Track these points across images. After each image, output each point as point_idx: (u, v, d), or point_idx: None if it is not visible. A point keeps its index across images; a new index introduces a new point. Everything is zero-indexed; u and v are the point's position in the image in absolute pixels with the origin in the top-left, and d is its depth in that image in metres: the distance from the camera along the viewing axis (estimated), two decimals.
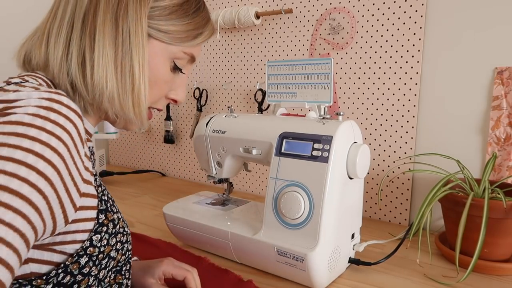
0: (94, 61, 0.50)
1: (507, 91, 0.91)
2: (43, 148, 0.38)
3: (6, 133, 0.37)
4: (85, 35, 0.51)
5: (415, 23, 1.00)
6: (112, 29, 0.51)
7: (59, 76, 0.51)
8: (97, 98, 0.51)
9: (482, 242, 0.70)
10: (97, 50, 0.50)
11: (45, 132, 0.39)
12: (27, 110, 0.39)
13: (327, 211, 0.69)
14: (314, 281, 0.70)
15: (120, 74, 0.52)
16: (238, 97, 1.35)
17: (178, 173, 1.57)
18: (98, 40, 0.50)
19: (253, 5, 1.27)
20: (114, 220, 0.55)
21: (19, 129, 0.37)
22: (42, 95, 0.41)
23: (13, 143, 0.37)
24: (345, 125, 0.72)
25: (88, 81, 0.50)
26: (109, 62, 0.51)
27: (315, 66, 0.79)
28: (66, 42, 0.51)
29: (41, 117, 0.39)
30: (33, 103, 0.40)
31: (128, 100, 0.52)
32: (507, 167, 0.92)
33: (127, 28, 0.52)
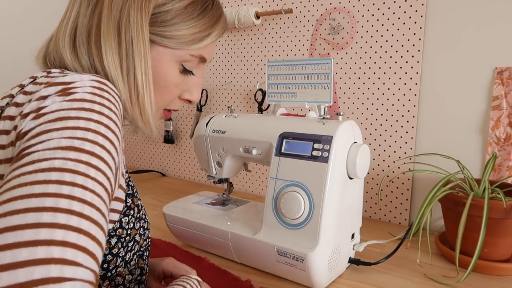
0: (106, 71, 0.52)
1: (507, 91, 0.91)
2: (108, 120, 0.42)
3: (77, 108, 0.40)
4: (92, 45, 0.52)
5: (415, 23, 1.00)
6: (115, 39, 0.52)
7: None
8: None
9: (482, 242, 0.70)
10: (105, 60, 0.52)
11: (105, 107, 0.42)
12: (85, 90, 0.42)
13: (327, 211, 0.69)
14: (314, 281, 0.70)
15: (127, 84, 0.53)
16: (238, 97, 1.35)
17: (178, 173, 1.57)
18: (105, 50, 0.52)
19: (253, 5, 1.27)
20: (139, 205, 0.56)
21: (86, 104, 0.41)
22: (92, 78, 0.44)
23: (86, 116, 0.40)
24: (345, 125, 0.72)
25: None
26: (118, 72, 0.52)
27: (315, 66, 0.79)
28: (86, 51, 0.53)
29: (99, 95, 0.43)
30: (87, 84, 0.43)
31: (135, 109, 0.54)
32: (507, 167, 0.92)
33: (130, 38, 0.52)
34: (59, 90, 0.42)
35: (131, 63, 0.52)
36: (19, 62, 1.48)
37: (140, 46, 0.52)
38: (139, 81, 0.53)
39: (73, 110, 0.40)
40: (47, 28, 0.64)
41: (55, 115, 0.39)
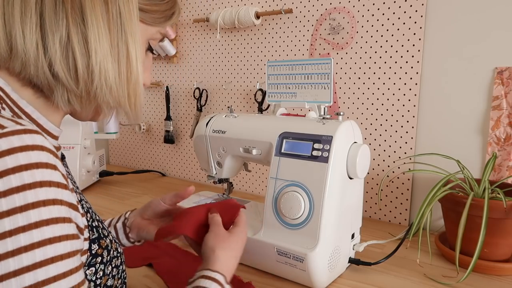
0: (90, 48, 0.43)
1: (507, 91, 0.91)
2: (47, 209, 0.37)
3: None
4: (69, 17, 0.42)
5: (415, 23, 1.00)
6: (103, 9, 0.44)
7: (36, 67, 0.43)
8: (93, 90, 0.45)
9: (482, 242, 0.70)
10: (92, 34, 0.43)
11: (41, 193, 0.36)
12: (10, 180, 0.35)
13: (327, 211, 0.69)
14: (314, 281, 0.70)
15: (116, 61, 0.46)
16: (238, 97, 1.35)
17: (178, 173, 1.57)
18: (91, 23, 0.43)
19: (253, 5, 1.27)
20: (108, 245, 0.51)
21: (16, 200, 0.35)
22: (14, 145, 0.36)
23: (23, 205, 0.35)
24: (345, 125, 0.72)
25: (81, 71, 0.43)
26: (107, 48, 0.45)
27: (315, 66, 0.79)
28: (39, 26, 0.42)
29: (28, 183, 0.36)
30: (10, 164, 0.35)
31: (124, 90, 0.47)
32: (507, 167, 0.92)
33: (117, 8, 0.45)
34: None
35: (122, 37, 0.46)
36: None
37: (131, 19, 0.46)
38: (133, 58, 0.47)
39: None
40: None
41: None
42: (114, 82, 0.45)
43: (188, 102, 1.49)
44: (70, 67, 0.43)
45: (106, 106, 0.47)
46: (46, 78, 0.43)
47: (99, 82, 0.44)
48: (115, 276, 0.53)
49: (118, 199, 1.28)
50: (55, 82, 0.44)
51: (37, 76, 0.43)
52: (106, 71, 0.44)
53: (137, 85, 0.48)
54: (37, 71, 0.43)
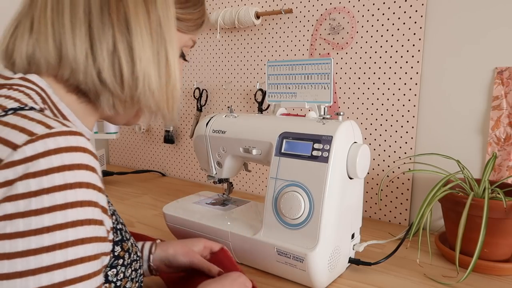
0: (134, 55, 0.46)
1: (507, 91, 0.91)
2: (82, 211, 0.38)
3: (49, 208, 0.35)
4: (115, 26, 0.45)
5: (415, 23, 1.00)
6: (145, 18, 0.47)
7: (85, 74, 0.45)
8: (137, 95, 0.47)
9: (482, 242, 0.70)
10: (137, 42, 0.46)
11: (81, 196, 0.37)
12: (53, 178, 0.36)
13: (327, 211, 0.69)
14: (314, 281, 0.70)
15: (157, 67, 0.48)
16: (238, 97, 1.35)
17: (178, 173, 1.57)
18: (136, 31, 0.46)
19: (253, 5, 1.27)
20: (129, 248, 0.53)
21: (58, 199, 0.36)
22: (60, 145, 0.37)
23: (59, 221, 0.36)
24: (345, 125, 0.72)
25: (126, 77, 0.46)
26: (150, 55, 0.47)
27: (315, 66, 0.79)
28: (88, 35, 0.45)
29: (70, 182, 0.37)
30: (55, 163, 0.36)
31: (162, 94, 0.49)
32: (507, 167, 0.92)
33: (157, 17, 0.48)
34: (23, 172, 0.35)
35: (162, 44, 0.49)
36: None
37: (170, 27, 0.49)
38: (171, 64, 0.50)
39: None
40: None
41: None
42: (156, 87, 0.48)
43: (188, 102, 1.49)
44: (116, 74, 0.46)
45: (147, 110, 0.50)
46: (94, 84, 0.46)
47: (142, 88, 0.47)
48: (133, 280, 0.54)
49: (118, 199, 1.28)
50: (102, 88, 0.47)
51: (86, 83, 0.46)
52: (149, 77, 0.47)
53: (175, 89, 0.51)
54: (86, 78, 0.46)
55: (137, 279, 0.55)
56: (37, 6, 0.45)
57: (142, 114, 0.54)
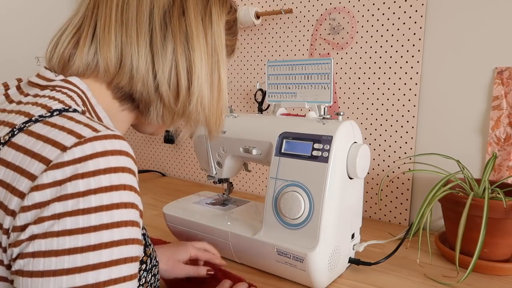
0: (193, 73, 0.50)
1: (507, 91, 0.91)
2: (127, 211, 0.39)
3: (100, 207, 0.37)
4: (176, 41, 0.49)
5: (415, 23, 1.00)
6: (204, 39, 0.51)
7: (143, 84, 0.48)
8: (189, 109, 0.51)
9: (482, 242, 0.70)
10: (197, 61, 0.50)
11: (126, 197, 0.39)
12: (100, 179, 0.37)
13: (327, 211, 0.69)
14: (314, 281, 0.70)
15: (210, 86, 0.52)
16: (238, 97, 1.35)
17: (178, 173, 1.57)
18: (196, 50, 0.50)
19: (253, 5, 1.27)
20: (151, 254, 0.54)
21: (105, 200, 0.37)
22: (106, 148, 0.38)
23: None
24: (345, 125, 0.72)
25: (182, 92, 0.50)
26: (206, 74, 0.51)
27: (315, 66, 0.79)
28: (150, 47, 0.48)
29: (115, 184, 0.38)
30: (102, 165, 0.37)
31: (212, 111, 0.53)
32: (507, 167, 0.92)
33: (213, 39, 0.52)
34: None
35: (216, 65, 0.53)
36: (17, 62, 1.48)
37: (223, 49, 0.53)
38: (223, 84, 0.54)
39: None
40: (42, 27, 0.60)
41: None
42: (207, 105, 0.52)
43: None
44: (172, 87, 0.50)
45: (195, 124, 0.54)
46: (149, 94, 0.49)
47: (195, 104, 0.51)
48: (152, 285, 0.55)
49: None
50: (156, 98, 0.50)
51: (141, 92, 0.49)
52: (203, 95, 0.51)
53: (224, 108, 0.55)
54: (142, 87, 0.49)
55: (155, 284, 0.56)
56: (102, 15, 0.48)
57: (188, 126, 0.56)
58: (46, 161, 0.36)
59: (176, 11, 0.49)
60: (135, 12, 0.48)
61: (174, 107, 0.51)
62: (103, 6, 0.48)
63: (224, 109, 0.55)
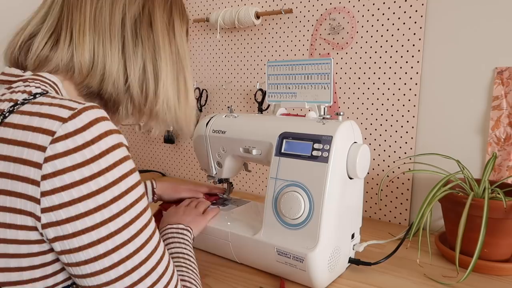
0: (159, 79, 0.56)
1: (507, 91, 0.91)
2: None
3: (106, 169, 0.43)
4: (145, 49, 0.55)
5: (415, 23, 1.00)
6: (169, 48, 0.57)
7: (113, 85, 0.53)
8: (156, 108, 0.57)
9: (482, 242, 0.70)
10: (162, 68, 0.56)
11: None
12: (106, 142, 0.43)
13: (327, 211, 0.69)
14: (314, 281, 0.70)
15: (177, 90, 0.59)
16: (238, 97, 1.35)
17: (178, 173, 1.57)
18: (164, 55, 0.56)
19: (253, 5, 1.27)
20: None
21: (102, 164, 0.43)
22: (97, 115, 0.44)
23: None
24: (345, 125, 0.72)
25: (150, 92, 0.56)
26: (172, 78, 0.58)
27: (315, 66, 0.79)
28: (121, 52, 0.54)
29: (112, 145, 0.44)
30: (96, 132, 0.43)
31: (181, 110, 0.59)
32: (507, 167, 0.92)
33: (176, 46, 0.59)
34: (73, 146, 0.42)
35: (181, 69, 0.59)
36: None
37: (186, 54, 0.60)
38: (189, 86, 0.61)
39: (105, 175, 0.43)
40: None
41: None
42: (173, 106, 0.58)
43: None
44: (143, 89, 0.56)
45: (163, 123, 0.60)
46: (119, 95, 0.55)
47: (161, 105, 0.57)
48: None
49: None
50: (125, 99, 0.55)
51: (111, 92, 0.54)
52: (168, 97, 0.57)
53: (192, 109, 0.62)
54: (113, 89, 0.54)
55: None
56: (76, 20, 0.52)
57: (158, 124, 0.61)
58: (50, 132, 0.41)
59: (144, 22, 0.55)
60: (108, 19, 0.53)
61: (144, 107, 0.57)
62: (76, 11, 0.52)
63: (193, 109, 0.62)
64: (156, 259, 0.46)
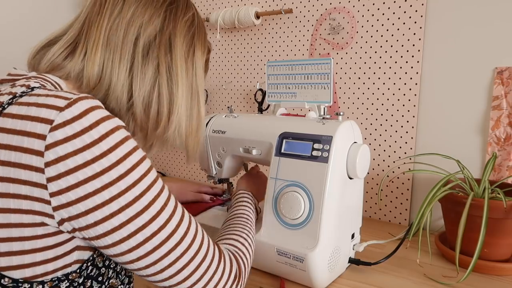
0: (174, 103, 0.57)
1: (507, 91, 0.91)
2: None
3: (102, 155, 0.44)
4: (160, 70, 0.56)
5: (415, 23, 1.00)
6: (186, 76, 0.59)
7: (116, 100, 0.55)
8: (167, 134, 0.58)
9: (482, 242, 0.70)
10: (180, 93, 0.57)
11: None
12: (104, 126, 0.45)
13: (327, 211, 0.69)
14: (314, 281, 0.70)
15: (189, 117, 0.60)
16: (238, 97, 1.35)
17: (178, 173, 1.57)
18: (181, 82, 0.58)
19: (253, 5, 1.27)
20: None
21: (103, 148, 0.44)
22: (91, 104, 0.45)
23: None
24: (345, 125, 0.72)
25: (163, 117, 0.57)
26: (186, 106, 0.59)
27: (315, 66, 0.79)
28: (128, 70, 0.55)
29: (111, 128, 0.45)
30: (92, 119, 0.44)
31: (191, 139, 0.61)
32: (507, 167, 0.92)
33: (194, 77, 0.60)
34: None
35: (196, 98, 0.61)
36: None
37: (202, 83, 0.62)
38: (202, 115, 0.62)
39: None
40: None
41: None
42: (184, 133, 0.60)
43: None
44: (148, 111, 0.56)
45: (171, 147, 0.62)
46: (121, 112, 0.56)
47: (173, 131, 0.59)
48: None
49: None
50: (127, 117, 0.56)
51: (113, 108, 0.55)
52: (181, 124, 0.59)
53: (201, 138, 0.64)
54: (115, 105, 0.55)
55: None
56: (92, 36, 0.55)
57: (164, 148, 0.63)
58: (48, 121, 0.42)
59: (163, 46, 0.57)
60: (122, 37, 0.55)
61: (148, 128, 0.58)
62: (94, 27, 0.55)
63: (202, 137, 0.65)
64: (175, 222, 0.49)
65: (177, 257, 0.49)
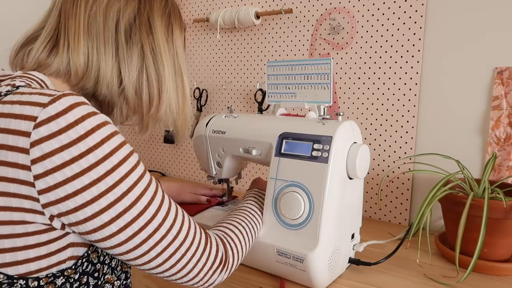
0: (163, 82, 0.59)
1: (507, 91, 0.91)
2: None
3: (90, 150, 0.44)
4: (144, 51, 0.57)
5: (415, 23, 1.00)
6: (169, 54, 0.60)
7: (107, 87, 0.56)
8: (160, 113, 0.60)
9: (482, 242, 0.70)
10: (166, 72, 0.59)
11: None
12: (90, 122, 0.45)
13: (327, 211, 0.69)
14: (314, 281, 0.70)
15: (177, 93, 0.62)
16: (238, 97, 1.35)
17: (178, 173, 1.57)
18: (166, 61, 0.59)
19: (253, 5, 1.27)
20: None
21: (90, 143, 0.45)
22: (75, 100, 0.45)
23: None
24: (345, 125, 0.72)
25: (154, 97, 0.59)
26: (173, 83, 0.60)
27: (315, 66, 0.79)
28: (116, 56, 0.56)
29: (97, 123, 0.46)
30: (78, 115, 0.44)
31: (180, 115, 0.63)
32: (507, 167, 0.92)
33: (176, 54, 0.61)
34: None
35: (179, 76, 0.62)
36: None
37: (184, 61, 0.62)
38: (187, 92, 0.63)
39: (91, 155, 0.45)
40: None
41: None
42: (175, 110, 0.61)
43: None
44: (140, 93, 0.58)
45: (164, 126, 0.63)
46: (113, 97, 0.57)
47: (165, 109, 0.60)
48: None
49: None
50: (120, 101, 0.58)
51: (105, 94, 0.57)
52: (171, 101, 0.61)
53: (188, 113, 0.65)
54: (107, 91, 0.56)
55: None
56: (72, 27, 0.55)
57: (155, 127, 0.64)
58: (31, 118, 0.42)
59: (143, 27, 0.57)
60: (102, 24, 0.55)
61: (143, 110, 0.59)
62: (71, 18, 0.55)
63: (189, 113, 0.65)
64: (161, 216, 0.50)
65: (164, 248, 0.51)
